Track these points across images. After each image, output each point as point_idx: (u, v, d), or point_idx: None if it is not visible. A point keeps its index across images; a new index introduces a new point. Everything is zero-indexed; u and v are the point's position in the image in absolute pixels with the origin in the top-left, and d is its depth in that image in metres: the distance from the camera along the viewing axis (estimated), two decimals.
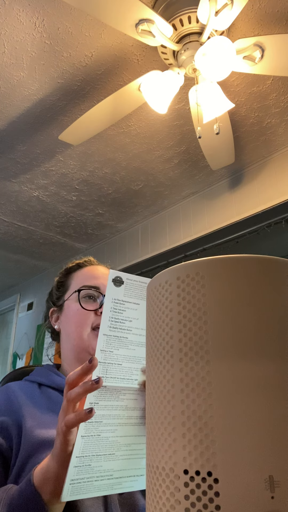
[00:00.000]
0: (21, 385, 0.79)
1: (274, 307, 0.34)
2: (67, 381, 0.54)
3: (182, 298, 0.36)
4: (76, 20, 1.50)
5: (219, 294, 0.34)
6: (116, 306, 0.58)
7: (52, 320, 0.91)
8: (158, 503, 0.33)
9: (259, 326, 0.33)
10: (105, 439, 0.56)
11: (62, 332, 0.88)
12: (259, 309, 0.34)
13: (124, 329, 0.58)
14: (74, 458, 0.52)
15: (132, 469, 0.58)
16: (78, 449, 0.53)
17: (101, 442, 0.55)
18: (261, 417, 0.31)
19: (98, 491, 0.54)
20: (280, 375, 0.32)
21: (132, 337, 0.59)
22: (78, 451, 0.53)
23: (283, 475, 0.30)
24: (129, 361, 0.58)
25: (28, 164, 2.33)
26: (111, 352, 0.57)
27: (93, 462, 0.54)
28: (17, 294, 4.25)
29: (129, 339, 0.59)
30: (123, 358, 0.58)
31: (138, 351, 0.59)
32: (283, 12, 1.49)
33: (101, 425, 0.55)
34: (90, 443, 0.54)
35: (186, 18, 1.41)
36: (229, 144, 1.89)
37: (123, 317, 0.58)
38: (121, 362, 0.57)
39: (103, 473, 0.55)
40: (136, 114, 1.97)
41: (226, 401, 0.32)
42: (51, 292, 0.96)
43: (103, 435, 0.56)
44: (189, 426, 0.32)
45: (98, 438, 0.55)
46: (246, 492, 0.30)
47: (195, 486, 0.31)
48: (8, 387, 0.78)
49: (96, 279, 0.88)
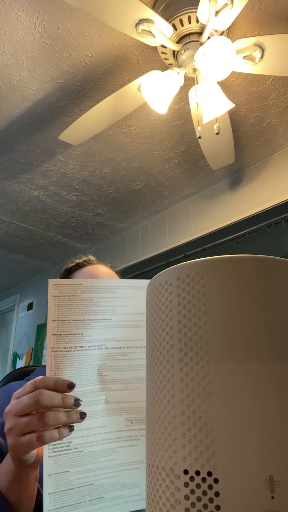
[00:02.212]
0: (22, 385, 0.79)
1: (274, 307, 0.34)
2: (38, 383, 0.51)
3: (182, 298, 0.36)
4: (76, 20, 1.50)
5: (219, 294, 0.34)
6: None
7: None
8: (158, 503, 0.33)
9: (259, 326, 0.33)
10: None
11: None
12: (259, 309, 0.34)
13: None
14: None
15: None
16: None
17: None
18: (261, 417, 0.31)
19: None
20: (280, 375, 0.32)
21: None
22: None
23: (283, 475, 0.30)
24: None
25: (28, 164, 2.33)
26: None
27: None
28: (17, 294, 4.25)
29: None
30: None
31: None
32: (283, 12, 1.49)
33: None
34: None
35: (186, 18, 1.41)
36: (229, 144, 1.89)
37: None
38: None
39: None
40: (136, 114, 1.97)
41: (226, 401, 0.32)
42: None
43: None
44: (189, 426, 0.32)
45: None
46: (246, 492, 0.30)
47: (195, 486, 0.31)
48: (10, 388, 0.77)
49: (97, 277, 0.88)
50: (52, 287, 0.58)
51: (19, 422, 0.50)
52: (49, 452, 0.53)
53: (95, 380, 0.58)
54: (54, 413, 0.50)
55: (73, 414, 0.52)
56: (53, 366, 0.54)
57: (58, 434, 0.51)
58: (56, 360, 0.55)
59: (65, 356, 0.56)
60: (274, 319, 0.34)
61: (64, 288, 0.58)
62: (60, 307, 0.57)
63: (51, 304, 0.57)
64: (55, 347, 0.55)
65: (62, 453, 0.54)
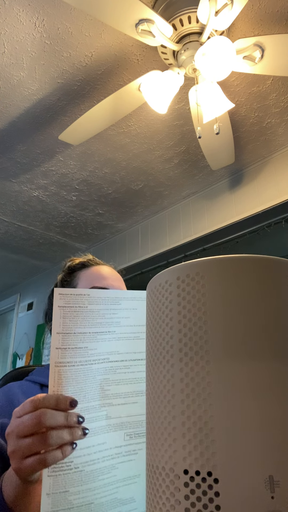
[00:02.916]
0: (23, 386, 0.78)
1: (274, 307, 0.34)
2: (38, 403, 0.49)
3: (182, 298, 0.36)
4: (76, 20, 1.50)
5: (219, 294, 0.34)
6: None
7: None
8: (158, 503, 0.33)
9: (259, 326, 0.33)
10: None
11: None
12: (259, 309, 0.34)
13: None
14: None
15: None
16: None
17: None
18: (261, 417, 0.31)
19: None
20: (280, 375, 0.32)
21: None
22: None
23: (283, 475, 0.30)
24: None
25: (28, 164, 2.33)
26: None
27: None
28: (17, 294, 4.25)
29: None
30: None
31: None
32: (283, 12, 1.49)
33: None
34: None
35: (186, 18, 1.41)
36: (229, 144, 1.89)
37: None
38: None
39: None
40: (136, 114, 1.97)
41: (226, 401, 0.32)
42: None
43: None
44: (189, 426, 0.32)
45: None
46: (246, 492, 0.30)
47: (195, 486, 0.31)
48: (9, 388, 0.76)
49: (105, 279, 0.87)
50: (58, 297, 0.54)
51: (21, 445, 0.48)
52: (49, 472, 0.51)
53: (97, 396, 0.56)
54: (57, 432, 0.49)
55: (76, 431, 0.50)
56: (56, 382, 0.52)
57: (62, 454, 0.49)
58: (60, 376, 0.52)
59: (69, 371, 0.53)
60: (274, 319, 0.34)
61: (70, 298, 0.55)
62: (66, 318, 0.54)
63: (57, 315, 0.54)
64: (59, 362, 0.53)
65: (62, 473, 0.52)
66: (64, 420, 0.49)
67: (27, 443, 0.48)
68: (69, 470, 0.52)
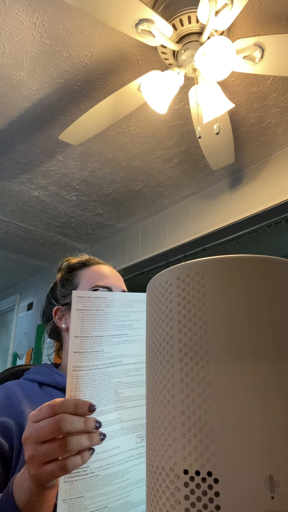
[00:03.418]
0: (21, 384, 0.77)
1: (274, 307, 0.34)
2: (57, 408, 0.48)
3: (182, 298, 0.36)
4: (76, 20, 1.50)
5: (219, 294, 0.34)
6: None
7: (57, 318, 0.88)
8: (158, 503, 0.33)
9: (259, 326, 0.33)
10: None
11: None
12: (259, 309, 0.34)
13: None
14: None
15: None
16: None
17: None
18: (261, 417, 0.31)
19: None
20: (280, 375, 0.32)
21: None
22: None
23: (283, 475, 0.30)
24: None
25: (28, 164, 2.33)
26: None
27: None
28: (17, 294, 4.25)
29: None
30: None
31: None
32: (283, 12, 1.49)
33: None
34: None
35: (186, 18, 1.41)
36: (229, 144, 1.89)
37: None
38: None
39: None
40: (136, 114, 1.97)
41: (226, 401, 0.32)
42: (54, 289, 0.92)
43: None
44: (189, 426, 0.32)
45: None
46: (246, 492, 0.29)
47: (195, 486, 0.31)
48: (7, 386, 0.76)
49: (107, 278, 0.87)
50: (76, 300, 0.54)
51: (40, 450, 0.47)
52: (65, 477, 0.50)
53: (112, 399, 0.55)
54: (76, 438, 0.48)
55: (95, 436, 0.50)
56: (74, 387, 0.51)
57: (81, 460, 0.49)
58: (78, 380, 0.52)
59: (86, 375, 0.53)
60: (274, 319, 0.34)
61: (88, 301, 0.55)
62: (84, 321, 0.54)
63: (75, 319, 0.53)
64: (77, 366, 0.52)
65: (78, 478, 0.51)
66: (83, 425, 0.49)
67: (46, 449, 0.47)
68: (85, 475, 0.52)
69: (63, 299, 0.89)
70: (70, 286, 0.88)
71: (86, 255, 0.96)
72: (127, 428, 0.57)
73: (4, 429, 0.67)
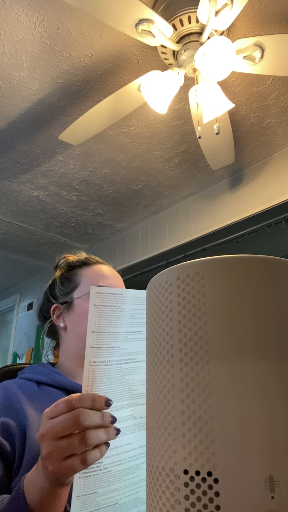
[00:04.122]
0: (20, 384, 0.76)
1: (274, 307, 0.34)
2: (74, 403, 0.49)
3: (182, 298, 0.36)
4: (76, 20, 1.50)
5: (219, 294, 0.34)
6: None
7: (55, 316, 0.87)
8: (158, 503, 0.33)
9: (259, 326, 0.33)
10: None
11: (70, 330, 0.85)
12: (259, 309, 0.34)
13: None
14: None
15: None
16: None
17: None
18: (261, 417, 0.31)
19: None
20: (280, 375, 0.32)
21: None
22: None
23: (283, 475, 0.30)
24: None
25: (28, 164, 2.33)
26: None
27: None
28: (17, 294, 4.25)
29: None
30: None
31: None
32: (283, 12, 1.49)
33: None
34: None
35: (186, 18, 1.41)
36: (229, 144, 1.89)
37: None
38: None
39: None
40: (136, 114, 1.97)
41: (226, 401, 0.32)
42: (53, 287, 0.91)
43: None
44: (189, 426, 0.32)
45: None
46: (246, 492, 0.30)
47: (195, 486, 0.31)
48: (5, 386, 0.75)
49: (108, 279, 0.86)
50: (94, 295, 0.54)
51: (59, 446, 0.48)
52: (80, 473, 0.51)
53: (126, 395, 0.56)
54: (95, 432, 0.48)
55: (111, 430, 0.51)
56: (90, 381, 0.52)
57: (100, 454, 0.49)
58: (94, 375, 0.52)
59: (102, 370, 0.53)
60: (274, 319, 0.34)
61: (106, 297, 0.55)
62: (101, 317, 0.54)
63: (92, 314, 0.54)
64: (93, 361, 0.53)
65: (92, 474, 0.52)
66: (101, 420, 0.49)
67: (65, 444, 0.48)
68: (98, 471, 0.52)
69: (62, 297, 0.88)
70: (70, 285, 0.88)
71: (84, 253, 0.96)
72: (139, 425, 0.57)
73: (5, 429, 0.66)
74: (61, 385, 0.77)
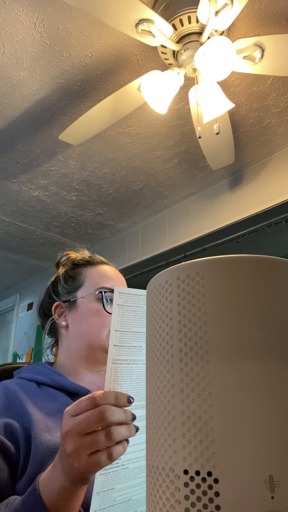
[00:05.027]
0: (20, 384, 0.75)
1: (274, 307, 0.34)
2: (98, 400, 0.50)
3: (182, 298, 0.36)
4: (76, 20, 1.50)
5: (219, 294, 0.34)
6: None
7: (56, 314, 0.86)
8: (158, 503, 0.33)
9: (259, 326, 0.33)
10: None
11: (72, 329, 0.83)
12: (259, 309, 0.34)
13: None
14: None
15: None
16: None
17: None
18: (261, 417, 0.31)
19: None
20: (280, 375, 0.32)
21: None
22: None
23: (283, 475, 0.30)
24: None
25: (28, 164, 2.33)
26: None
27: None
28: (17, 294, 4.25)
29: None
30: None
31: None
32: (283, 12, 1.49)
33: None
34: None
35: (186, 18, 1.41)
36: (229, 144, 1.89)
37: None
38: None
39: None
40: (136, 114, 1.97)
41: (226, 401, 0.32)
42: (56, 284, 0.89)
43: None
44: (189, 426, 0.32)
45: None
46: (246, 492, 0.30)
47: (195, 486, 0.31)
48: (5, 386, 0.73)
49: (113, 280, 0.86)
50: (118, 295, 0.56)
51: (84, 442, 0.48)
52: (101, 470, 0.52)
53: (144, 394, 0.57)
54: (118, 428, 0.50)
55: (132, 427, 0.52)
56: (113, 379, 0.53)
57: (123, 449, 0.50)
58: (116, 372, 0.54)
59: (124, 369, 0.55)
60: (274, 319, 0.34)
61: (129, 298, 0.57)
62: (124, 317, 0.56)
63: (116, 313, 0.55)
64: (116, 359, 0.54)
65: (112, 470, 0.53)
66: (124, 416, 0.51)
67: (91, 440, 0.48)
68: (117, 468, 0.54)
69: (65, 295, 0.86)
70: (74, 283, 0.87)
71: (87, 251, 0.95)
72: None
73: (9, 431, 0.65)
74: (62, 386, 0.76)
